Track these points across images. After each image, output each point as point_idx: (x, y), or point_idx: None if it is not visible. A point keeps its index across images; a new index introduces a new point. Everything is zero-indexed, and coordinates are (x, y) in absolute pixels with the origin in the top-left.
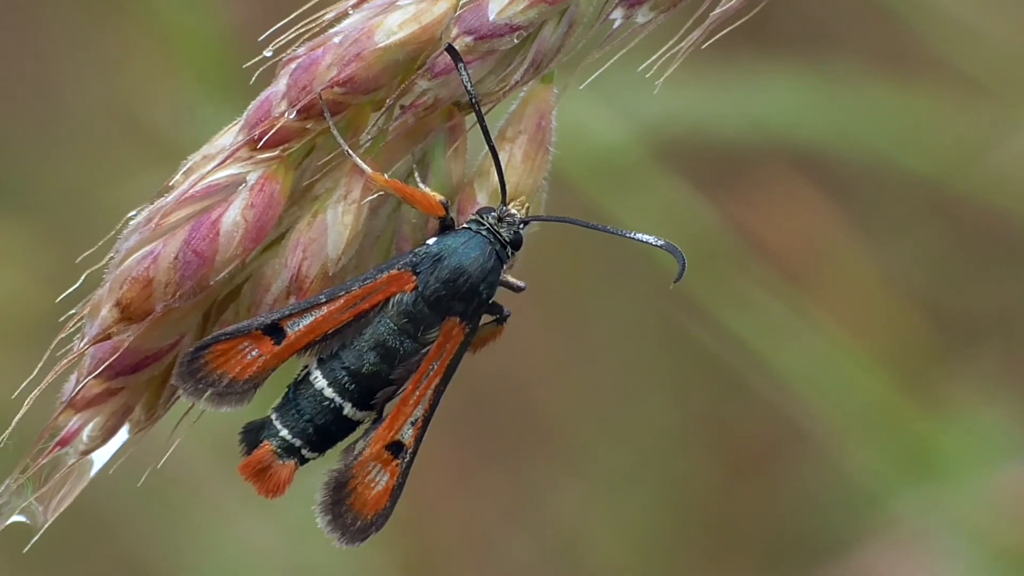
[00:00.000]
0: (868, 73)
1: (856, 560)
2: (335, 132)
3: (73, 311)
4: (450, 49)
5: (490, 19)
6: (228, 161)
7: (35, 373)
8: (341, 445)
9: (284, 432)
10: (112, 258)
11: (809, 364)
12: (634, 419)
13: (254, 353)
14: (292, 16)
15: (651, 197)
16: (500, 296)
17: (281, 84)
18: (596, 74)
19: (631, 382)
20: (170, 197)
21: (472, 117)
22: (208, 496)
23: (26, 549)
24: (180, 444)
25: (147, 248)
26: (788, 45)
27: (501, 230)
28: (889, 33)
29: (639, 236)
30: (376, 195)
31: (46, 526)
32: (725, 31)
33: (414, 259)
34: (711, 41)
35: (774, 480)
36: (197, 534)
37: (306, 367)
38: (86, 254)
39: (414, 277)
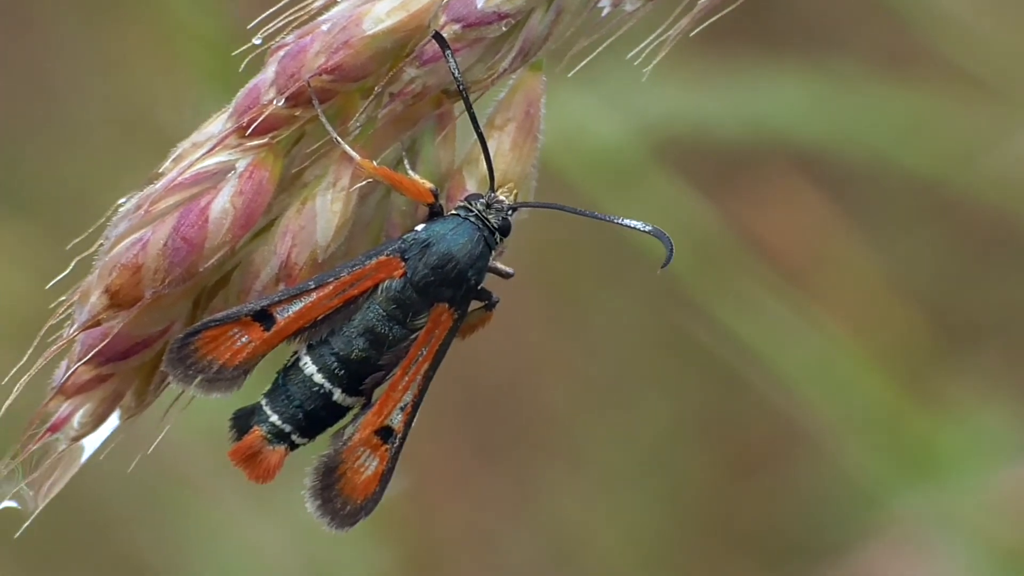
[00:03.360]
0: (868, 73)
1: (856, 560)
2: (323, 119)
3: (63, 297)
4: (437, 37)
5: (478, 7)
6: (217, 148)
7: (24, 359)
8: (331, 430)
9: (274, 418)
10: (102, 245)
11: (809, 364)
12: (634, 419)
13: (243, 339)
14: (281, 3)
15: (651, 196)
16: (491, 284)
17: (269, 72)
18: (585, 62)
19: (631, 382)
20: (159, 184)
21: (461, 105)
22: (208, 495)
23: (18, 534)
24: (181, 443)
25: (136, 235)
26: (788, 45)
27: (489, 216)
28: (889, 33)
29: (626, 222)
30: (365, 182)
31: (37, 512)
32: (714, 18)
33: (403, 245)
34: (699, 29)
35: (774, 480)
36: (197, 533)
37: (295, 353)
38: (76, 241)
39: (403, 263)
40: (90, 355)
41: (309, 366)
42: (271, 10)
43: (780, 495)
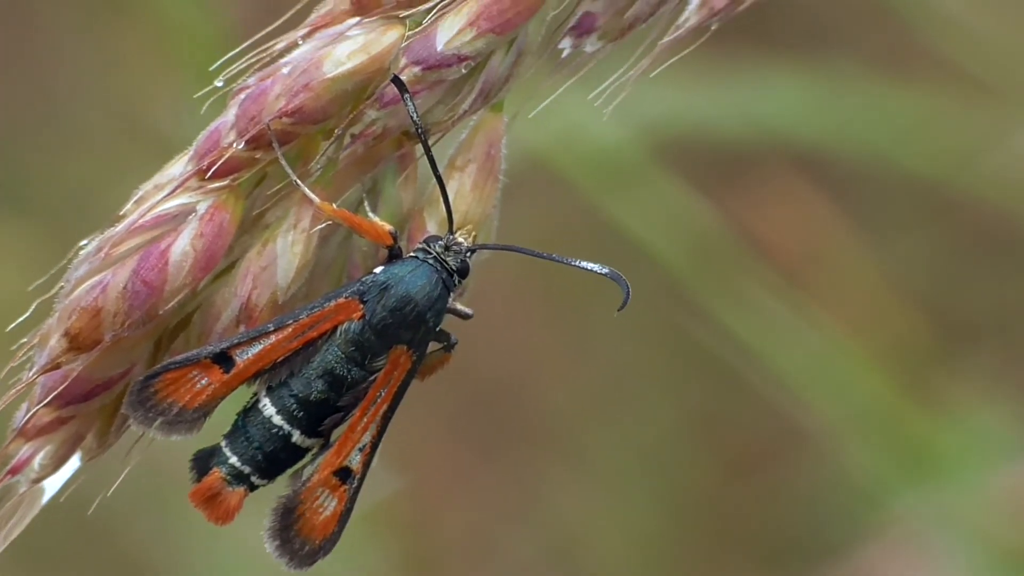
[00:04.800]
0: (868, 73)
1: (855, 560)
2: (283, 162)
3: (24, 339)
4: (395, 80)
5: (438, 49)
6: (178, 191)
7: None
8: (290, 471)
9: (233, 459)
10: (62, 287)
11: (809, 364)
12: (634, 419)
13: (203, 382)
14: (243, 46)
15: (651, 196)
16: (454, 323)
17: (230, 114)
18: (547, 102)
19: (631, 382)
20: (120, 227)
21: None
22: None
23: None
24: (180, 447)
25: (96, 278)
26: (788, 45)
27: (448, 258)
28: (889, 33)
29: (584, 265)
30: (326, 224)
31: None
32: (674, 59)
33: (361, 288)
34: (659, 70)
35: (773, 480)
36: (197, 533)
37: (255, 395)
38: (39, 282)
39: (361, 306)
40: (50, 397)
41: (268, 408)
42: (233, 52)
43: (780, 495)
